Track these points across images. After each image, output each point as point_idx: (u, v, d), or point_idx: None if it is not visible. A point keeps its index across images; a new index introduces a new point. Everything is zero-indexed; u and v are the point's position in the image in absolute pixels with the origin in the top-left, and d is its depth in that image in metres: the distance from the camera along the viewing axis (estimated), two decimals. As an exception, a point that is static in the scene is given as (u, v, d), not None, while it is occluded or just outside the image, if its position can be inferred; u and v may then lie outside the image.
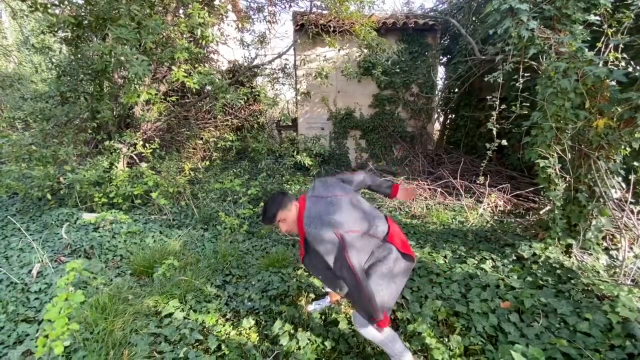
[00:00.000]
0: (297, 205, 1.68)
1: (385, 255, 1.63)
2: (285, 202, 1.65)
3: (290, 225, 1.65)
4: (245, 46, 7.46)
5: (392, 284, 1.61)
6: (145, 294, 2.53)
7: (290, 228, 1.66)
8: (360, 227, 1.58)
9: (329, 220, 1.53)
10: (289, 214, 1.63)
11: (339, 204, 1.62)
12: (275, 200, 1.65)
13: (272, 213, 1.61)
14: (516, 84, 3.00)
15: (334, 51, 6.17)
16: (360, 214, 1.64)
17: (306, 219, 1.57)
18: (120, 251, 3.13)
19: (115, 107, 4.68)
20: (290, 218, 1.64)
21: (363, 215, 1.66)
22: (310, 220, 1.55)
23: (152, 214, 4.04)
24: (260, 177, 4.70)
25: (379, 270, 1.59)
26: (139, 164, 4.59)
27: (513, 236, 3.07)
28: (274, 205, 1.62)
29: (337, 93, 6.88)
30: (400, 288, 1.67)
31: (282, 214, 1.62)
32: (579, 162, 2.55)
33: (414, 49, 6.62)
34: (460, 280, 2.57)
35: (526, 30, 2.37)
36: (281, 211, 1.62)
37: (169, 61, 3.79)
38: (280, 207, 1.62)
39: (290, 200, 1.67)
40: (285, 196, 1.68)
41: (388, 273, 1.61)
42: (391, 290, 1.60)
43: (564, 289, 2.33)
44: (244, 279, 2.78)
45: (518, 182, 4.47)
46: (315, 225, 1.52)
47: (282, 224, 1.65)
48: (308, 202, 1.66)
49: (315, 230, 1.51)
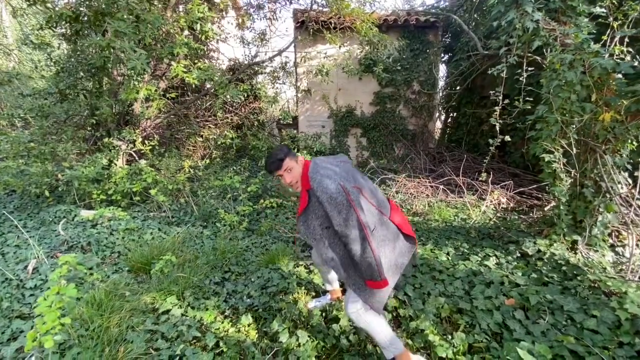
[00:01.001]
0: (303, 160, 1.64)
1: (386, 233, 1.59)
2: (293, 152, 1.62)
3: (295, 176, 1.58)
4: (245, 44, 7.42)
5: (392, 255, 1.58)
6: (143, 290, 2.49)
7: (295, 179, 1.58)
8: (367, 194, 1.56)
9: (338, 171, 1.51)
10: (295, 165, 1.58)
11: (348, 165, 1.65)
12: (282, 149, 1.60)
13: (280, 157, 1.55)
14: (520, 79, 2.95)
15: (334, 48, 6.12)
16: (369, 184, 1.65)
17: (313, 168, 1.53)
18: (118, 248, 3.09)
19: (114, 104, 4.64)
20: (296, 170, 1.58)
21: (371, 186, 1.66)
22: (318, 169, 1.51)
23: (151, 211, 4.00)
24: (260, 175, 4.65)
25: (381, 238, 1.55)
26: (139, 161, 4.55)
27: (517, 233, 3.02)
28: (282, 152, 1.57)
29: (337, 91, 6.84)
30: (401, 268, 1.63)
31: (290, 162, 1.57)
32: (585, 156, 2.50)
33: (415, 46, 6.57)
34: (464, 277, 2.52)
35: (531, 21, 2.32)
36: (289, 159, 1.56)
37: (168, 57, 3.75)
38: (288, 155, 1.57)
39: (296, 154, 1.64)
40: (291, 150, 1.65)
41: (390, 244, 1.58)
42: (390, 260, 1.56)
43: (570, 285, 2.28)
44: (243, 276, 2.73)
45: (521, 180, 4.42)
46: (323, 175, 1.48)
47: (287, 173, 1.57)
48: (315, 159, 1.63)
49: (322, 178, 1.46)
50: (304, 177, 1.56)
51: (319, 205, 1.47)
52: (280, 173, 1.58)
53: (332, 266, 1.56)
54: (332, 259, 1.55)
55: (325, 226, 1.52)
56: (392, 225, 1.62)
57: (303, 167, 1.60)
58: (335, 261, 1.56)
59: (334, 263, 1.56)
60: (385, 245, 1.55)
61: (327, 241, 1.55)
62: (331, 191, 1.42)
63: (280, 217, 3.94)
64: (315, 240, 1.58)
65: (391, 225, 1.61)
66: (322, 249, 1.57)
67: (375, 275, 1.44)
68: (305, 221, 1.58)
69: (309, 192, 1.53)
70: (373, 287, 1.50)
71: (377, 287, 1.49)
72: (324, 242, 1.56)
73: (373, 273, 1.44)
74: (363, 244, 1.41)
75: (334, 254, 1.55)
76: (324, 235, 1.54)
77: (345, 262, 1.55)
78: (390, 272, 1.56)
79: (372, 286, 1.49)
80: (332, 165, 1.59)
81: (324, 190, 1.43)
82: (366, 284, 1.52)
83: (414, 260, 1.80)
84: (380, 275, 1.44)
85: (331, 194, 1.42)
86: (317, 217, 1.52)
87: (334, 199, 1.42)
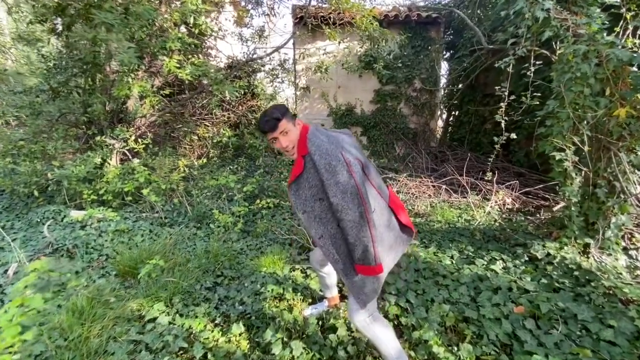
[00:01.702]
0: (301, 124, 1.48)
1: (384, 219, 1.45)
2: (291, 113, 1.45)
3: (291, 140, 1.40)
4: (243, 41, 7.28)
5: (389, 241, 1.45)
6: (130, 296, 2.36)
7: (292, 144, 1.41)
8: (369, 172, 1.42)
9: (340, 141, 1.38)
10: (292, 128, 1.41)
11: (352, 139, 1.51)
12: (279, 107, 1.42)
13: (276, 117, 1.37)
14: (527, 73, 2.80)
15: (334, 44, 5.98)
16: (371, 164, 1.51)
17: (313, 132, 1.39)
18: (106, 250, 2.96)
19: (107, 102, 4.51)
20: (293, 133, 1.41)
21: (374, 167, 1.52)
22: (318, 134, 1.37)
23: (143, 212, 3.87)
24: (257, 174, 4.52)
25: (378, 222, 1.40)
26: (132, 160, 4.41)
27: (524, 235, 2.88)
28: (278, 111, 1.40)
29: (337, 88, 6.70)
30: (396, 257, 1.51)
31: (287, 124, 1.40)
32: (598, 154, 2.36)
33: (416, 42, 6.42)
34: (469, 282, 2.38)
35: (541, 10, 2.17)
36: (286, 120, 1.39)
37: (160, 52, 3.62)
38: (285, 115, 1.40)
39: (295, 116, 1.49)
40: (289, 110, 1.48)
41: (387, 231, 1.45)
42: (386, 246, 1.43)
43: (583, 292, 2.14)
44: (236, 281, 2.60)
45: (526, 179, 4.27)
46: (323, 140, 1.33)
47: (282, 136, 1.40)
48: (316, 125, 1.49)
49: (322, 143, 1.31)
50: (302, 142, 1.39)
51: (314, 172, 1.31)
52: (274, 135, 1.40)
53: (322, 245, 1.40)
54: (321, 236, 1.39)
55: (318, 197, 1.35)
56: (390, 212, 1.48)
57: (301, 131, 1.43)
58: (325, 239, 1.38)
59: (324, 242, 1.39)
60: (382, 230, 1.41)
61: (319, 215, 1.38)
62: (331, 157, 1.27)
63: (277, 218, 3.80)
64: (305, 212, 1.39)
65: (389, 212, 1.48)
66: (312, 223, 1.40)
67: (370, 258, 1.29)
68: (297, 190, 1.40)
69: (304, 157, 1.35)
70: (365, 273, 1.34)
71: (369, 274, 1.34)
72: (315, 216, 1.39)
73: (368, 256, 1.29)
74: (360, 221, 1.26)
75: (324, 231, 1.38)
76: (316, 208, 1.37)
77: (337, 242, 1.38)
78: (386, 258, 1.41)
79: (364, 272, 1.34)
80: (335, 134, 1.46)
81: (322, 155, 1.28)
82: (356, 271, 1.36)
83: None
84: (375, 260, 1.30)
85: (330, 160, 1.27)
86: (311, 187, 1.36)
87: (333, 167, 1.26)
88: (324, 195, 1.32)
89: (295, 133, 1.42)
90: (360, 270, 1.34)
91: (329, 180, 1.26)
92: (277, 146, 1.44)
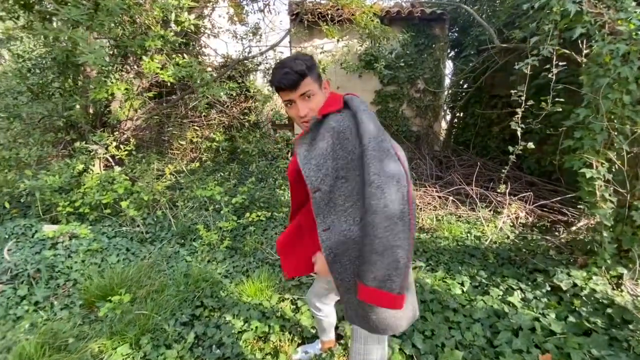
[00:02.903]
0: (328, 89, 1.14)
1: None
2: (318, 71, 1.10)
3: (313, 107, 1.05)
4: (238, 39, 6.94)
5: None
6: (93, 333, 2.05)
7: (312, 113, 1.06)
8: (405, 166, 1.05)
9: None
10: (318, 92, 1.07)
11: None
12: (306, 58, 1.05)
13: (301, 70, 1.00)
14: (549, 76, 2.47)
15: (332, 43, 5.64)
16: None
17: (352, 97, 1.06)
18: (75, 275, 2.64)
19: (88, 104, 4.19)
20: (318, 97, 1.07)
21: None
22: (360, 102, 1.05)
23: (123, 226, 3.55)
24: (249, 182, 4.20)
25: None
26: (114, 168, 4.10)
27: (544, 259, 2.55)
28: (306, 62, 1.03)
29: (336, 89, 6.36)
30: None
31: (313, 83, 1.05)
32: (635, 172, 2.03)
33: (419, 40, 6.08)
34: (484, 318, 2.06)
35: (573, 3, 1.84)
36: (312, 78, 1.04)
37: (140, 51, 3.29)
38: (312, 71, 1.05)
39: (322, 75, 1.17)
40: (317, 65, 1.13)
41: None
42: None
43: (620, 336, 1.82)
44: (217, 312, 2.28)
45: (539, 190, 3.95)
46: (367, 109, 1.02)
47: (302, 101, 1.04)
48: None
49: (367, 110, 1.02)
50: (331, 100, 1.07)
51: (344, 139, 0.98)
52: (292, 97, 1.03)
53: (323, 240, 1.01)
54: (328, 228, 1.00)
55: (341, 175, 0.98)
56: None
57: (328, 98, 1.09)
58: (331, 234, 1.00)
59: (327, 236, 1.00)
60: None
61: (334, 200, 0.99)
62: (381, 131, 0.98)
63: (269, 233, 3.49)
64: (319, 189, 0.99)
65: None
66: (321, 207, 1.01)
67: (396, 282, 0.89)
68: (309, 153, 1.01)
69: (331, 116, 1.03)
70: (378, 302, 0.92)
71: (384, 305, 0.92)
72: (329, 200, 1.00)
73: (393, 277, 0.88)
74: (399, 222, 0.88)
75: (333, 223, 0.99)
76: (335, 188, 0.99)
77: (347, 243, 0.99)
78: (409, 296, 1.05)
79: (378, 301, 0.92)
80: None
81: (369, 119, 0.97)
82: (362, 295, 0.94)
83: None
84: (401, 287, 0.90)
85: (376, 133, 0.95)
86: (336, 157, 0.99)
87: (379, 142, 0.94)
88: (351, 174, 0.97)
89: (320, 99, 1.08)
90: (372, 297, 0.91)
91: (372, 154, 0.91)
92: (292, 112, 1.09)
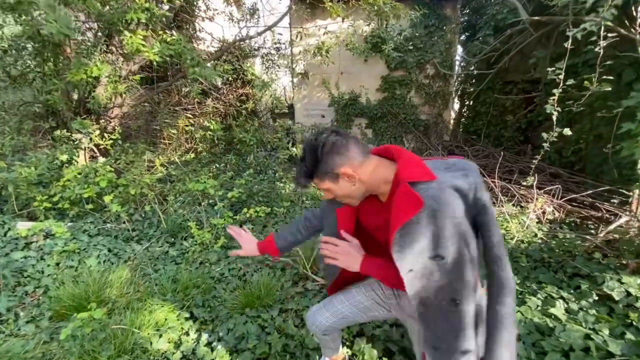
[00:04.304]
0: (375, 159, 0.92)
1: None
2: (334, 163, 0.88)
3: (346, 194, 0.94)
4: (235, 22, 6.50)
5: None
6: (61, 354, 1.73)
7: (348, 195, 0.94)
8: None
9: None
10: (334, 186, 0.92)
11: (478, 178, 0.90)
12: (312, 155, 0.89)
13: (305, 174, 0.92)
14: (595, 49, 2.10)
15: (336, 23, 5.22)
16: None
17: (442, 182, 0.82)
18: (47, 280, 2.31)
19: (68, 89, 3.80)
20: (343, 188, 0.92)
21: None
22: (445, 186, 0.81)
23: (107, 222, 3.22)
24: (246, 175, 3.85)
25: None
26: (98, 158, 3.74)
27: (585, 263, 2.22)
28: (312, 161, 0.89)
29: (339, 75, 5.96)
30: None
31: (324, 183, 0.93)
32: None
33: (430, 22, 5.66)
34: (525, 335, 1.74)
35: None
36: (320, 179, 0.92)
37: (121, 25, 2.90)
38: (319, 171, 0.90)
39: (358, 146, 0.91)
40: (347, 138, 0.90)
41: None
42: None
43: (696, 359, 1.50)
44: (209, 325, 1.96)
45: (565, 182, 3.60)
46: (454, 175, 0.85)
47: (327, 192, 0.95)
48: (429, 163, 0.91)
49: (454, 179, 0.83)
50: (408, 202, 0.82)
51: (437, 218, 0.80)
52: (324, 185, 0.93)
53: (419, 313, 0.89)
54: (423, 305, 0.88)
55: (435, 254, 0.82)
56: None
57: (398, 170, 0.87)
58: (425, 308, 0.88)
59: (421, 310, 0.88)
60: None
61: (427, 276, 0.84)
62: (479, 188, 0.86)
63: (269, 230, 3.16)
64: (412, 271, 0.83)
65: None
66: (414, 282, 0.85)
67: None
68: (403, 243, 0.82)
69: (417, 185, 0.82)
70: None
71: None
72: (421, 275, 0.84)
73: None
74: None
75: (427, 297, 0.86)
76: (428, 267, 0.83)
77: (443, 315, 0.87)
78: None
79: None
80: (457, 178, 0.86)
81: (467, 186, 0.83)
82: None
83: None
84: None
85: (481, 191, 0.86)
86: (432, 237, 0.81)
87: (485, 200, 0.86)
88: (448, 252, 0.80)
89: (345, 188, 0.92)
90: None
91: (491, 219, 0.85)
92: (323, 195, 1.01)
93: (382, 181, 0.90)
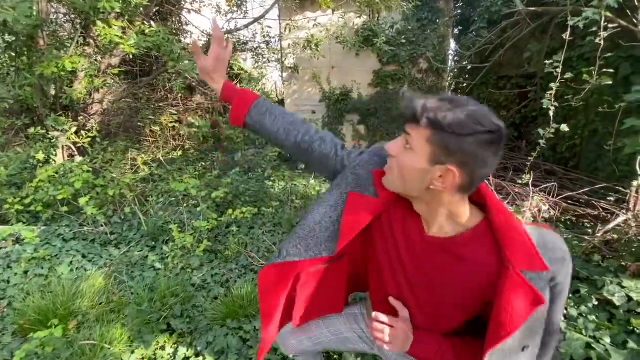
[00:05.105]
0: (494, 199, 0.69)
1: None
2: (495, 160, 0.63)
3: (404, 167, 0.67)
4: (222, 13, 6.28)
5: None
6: (21, 375, 1.57)
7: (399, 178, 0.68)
8: None
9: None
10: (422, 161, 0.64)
11: None
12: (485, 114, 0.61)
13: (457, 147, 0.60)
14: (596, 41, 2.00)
15: (327, 16, 5.06)
16: None
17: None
18: (13, 291, 2.14)
19: (41, 83, 3.58)
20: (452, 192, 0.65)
21: None
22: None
23: (84, 225, 3.04)
24: (233, 173, 3.69)
25: None
26: (74, 158, 3.55)
27: (584, 265, 2.14)
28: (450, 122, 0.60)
29: (330, 69, 5.81)
30: None
31: (426, 143, 0.63)
32: None
33: (422, 15, 5.52)
34: (522, 345, 1.63)
35: None
36: (469, 162, 0.61)
37: (94, 14, 2.71)
38: (442, 135, 0.61)
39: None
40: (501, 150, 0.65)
41: None
42: None
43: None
44: (188, 338, 1.82)
45: (560, 179, 3.53)
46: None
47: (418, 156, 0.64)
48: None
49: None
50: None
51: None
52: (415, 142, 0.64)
53: None
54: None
55: (524, 344, 0.68)
56: None
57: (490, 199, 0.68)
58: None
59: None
60: None
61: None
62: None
63: (255, 232, 3.02)
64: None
65: None
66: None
67: None
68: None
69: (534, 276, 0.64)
70: None
71: None
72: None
73: None
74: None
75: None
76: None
77: None
78: None
79: None
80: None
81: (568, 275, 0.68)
82: None
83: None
84: None
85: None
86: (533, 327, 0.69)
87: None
88: (535, 340, 0.69)
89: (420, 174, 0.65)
90: None
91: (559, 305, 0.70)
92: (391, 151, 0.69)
93: (447, 214, 0.68)
